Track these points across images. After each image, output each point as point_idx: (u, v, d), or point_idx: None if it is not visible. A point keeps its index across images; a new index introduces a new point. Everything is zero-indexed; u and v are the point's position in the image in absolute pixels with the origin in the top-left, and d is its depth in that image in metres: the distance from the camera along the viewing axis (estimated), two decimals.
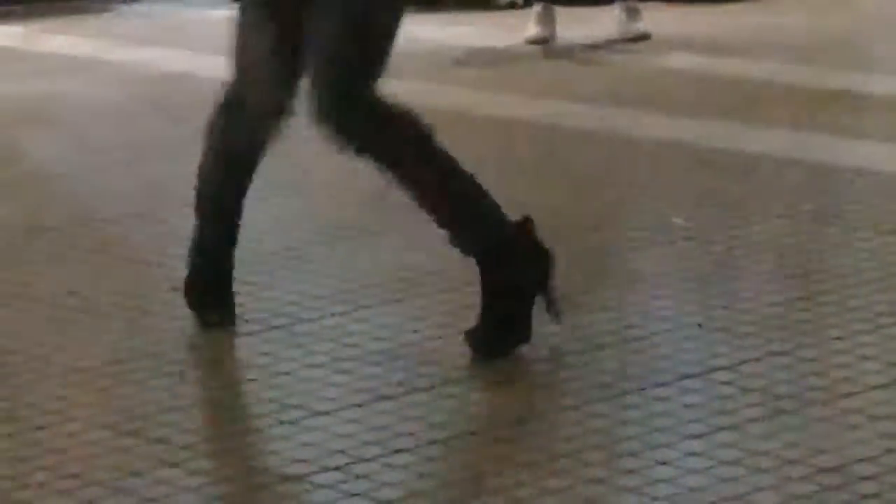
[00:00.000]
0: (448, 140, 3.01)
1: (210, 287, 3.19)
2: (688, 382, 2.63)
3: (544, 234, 3.04)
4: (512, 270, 2.87)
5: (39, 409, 2.63)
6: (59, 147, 4.76)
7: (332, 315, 3.23)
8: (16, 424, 2.53)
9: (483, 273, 2.91)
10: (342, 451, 2.39)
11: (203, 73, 5.40)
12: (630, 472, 2.28)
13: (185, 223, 3.43)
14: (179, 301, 3.05)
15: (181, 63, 5.98)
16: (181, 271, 3.21)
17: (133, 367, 2.86)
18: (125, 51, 6.23)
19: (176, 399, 2.69)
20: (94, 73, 5.91)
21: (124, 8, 7.14)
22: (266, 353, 2.98)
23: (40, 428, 2.52)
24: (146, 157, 4.67)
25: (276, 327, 2.91)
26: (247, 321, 3.07)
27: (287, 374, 2.80)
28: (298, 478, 2.35)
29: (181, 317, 2.99)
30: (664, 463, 2.31)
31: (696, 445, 2.32)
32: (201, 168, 3.13)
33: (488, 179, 3.05)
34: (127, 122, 5.18)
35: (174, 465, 2.39)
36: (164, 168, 4.46)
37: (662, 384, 2.65)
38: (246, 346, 3.04)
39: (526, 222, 2.93)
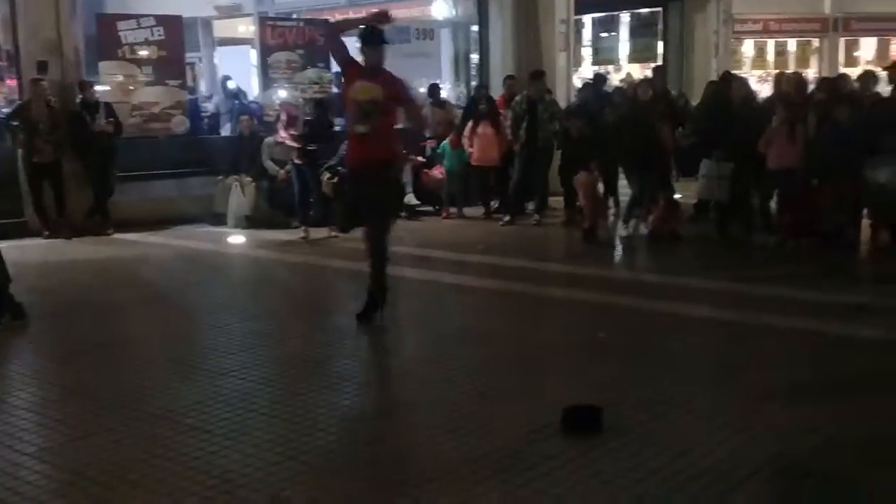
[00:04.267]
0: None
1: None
2: None
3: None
4: (383, 291, 6.05)
5: None
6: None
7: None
8: None
9: (375, 292, 5.94)
10: None
11: (203, 250, 8.91)
12: None
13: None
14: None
15: (197, 246, 9.20)
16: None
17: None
18: (178, 241, 9.51)
19: None
20: (163, 249, 9.22)
21: (180, 228, 10.07)
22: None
23: None
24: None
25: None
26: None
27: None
28: None
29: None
30: None
31: None
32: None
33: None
34: (166, 267, 8.14)
35: None
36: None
37: None
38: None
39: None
